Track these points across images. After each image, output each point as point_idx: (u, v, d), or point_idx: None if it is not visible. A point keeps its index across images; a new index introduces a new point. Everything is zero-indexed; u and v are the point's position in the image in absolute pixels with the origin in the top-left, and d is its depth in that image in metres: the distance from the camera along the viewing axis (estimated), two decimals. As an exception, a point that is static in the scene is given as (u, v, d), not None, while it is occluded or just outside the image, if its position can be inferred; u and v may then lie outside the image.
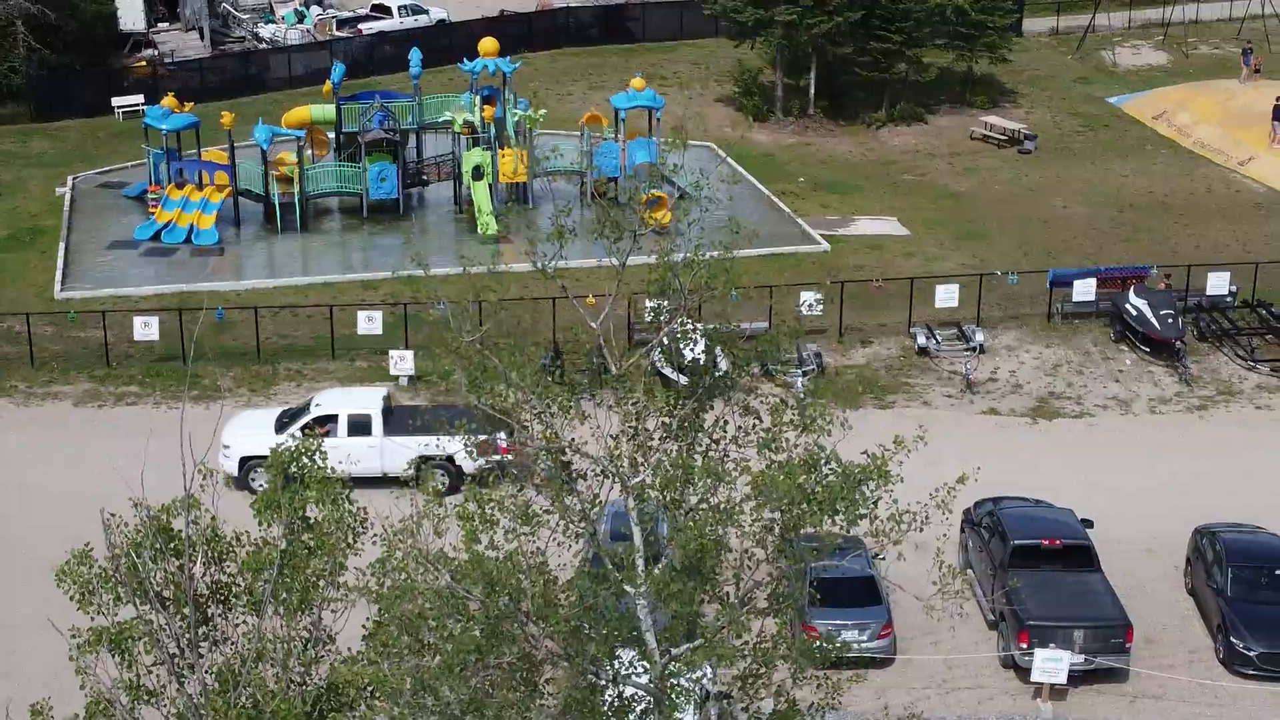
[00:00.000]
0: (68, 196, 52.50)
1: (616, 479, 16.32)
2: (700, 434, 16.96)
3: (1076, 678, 29.16)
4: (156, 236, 48.64)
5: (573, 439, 17.14)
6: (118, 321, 42.10)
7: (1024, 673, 29.34)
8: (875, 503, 16.33)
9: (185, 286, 45.45)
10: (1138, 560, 33.26)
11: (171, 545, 14.35)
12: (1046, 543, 30.73)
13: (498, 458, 34.06)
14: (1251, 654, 29.69)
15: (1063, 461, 37.39)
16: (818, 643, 17.47)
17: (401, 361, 40.50)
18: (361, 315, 41.68)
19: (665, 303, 17.85)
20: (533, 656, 14.78)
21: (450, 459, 34.15)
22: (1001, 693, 29.42)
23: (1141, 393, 40.83)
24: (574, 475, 16.55)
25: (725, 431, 17.19)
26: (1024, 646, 29.10)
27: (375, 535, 16.36)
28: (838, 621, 28.38)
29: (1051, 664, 28.61)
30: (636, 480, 16.24)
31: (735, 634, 15.88)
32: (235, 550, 15.20)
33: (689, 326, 41.04)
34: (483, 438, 19.81)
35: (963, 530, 32.89)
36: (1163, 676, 29.71)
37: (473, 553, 14.73)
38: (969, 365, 41.17)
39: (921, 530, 17.16)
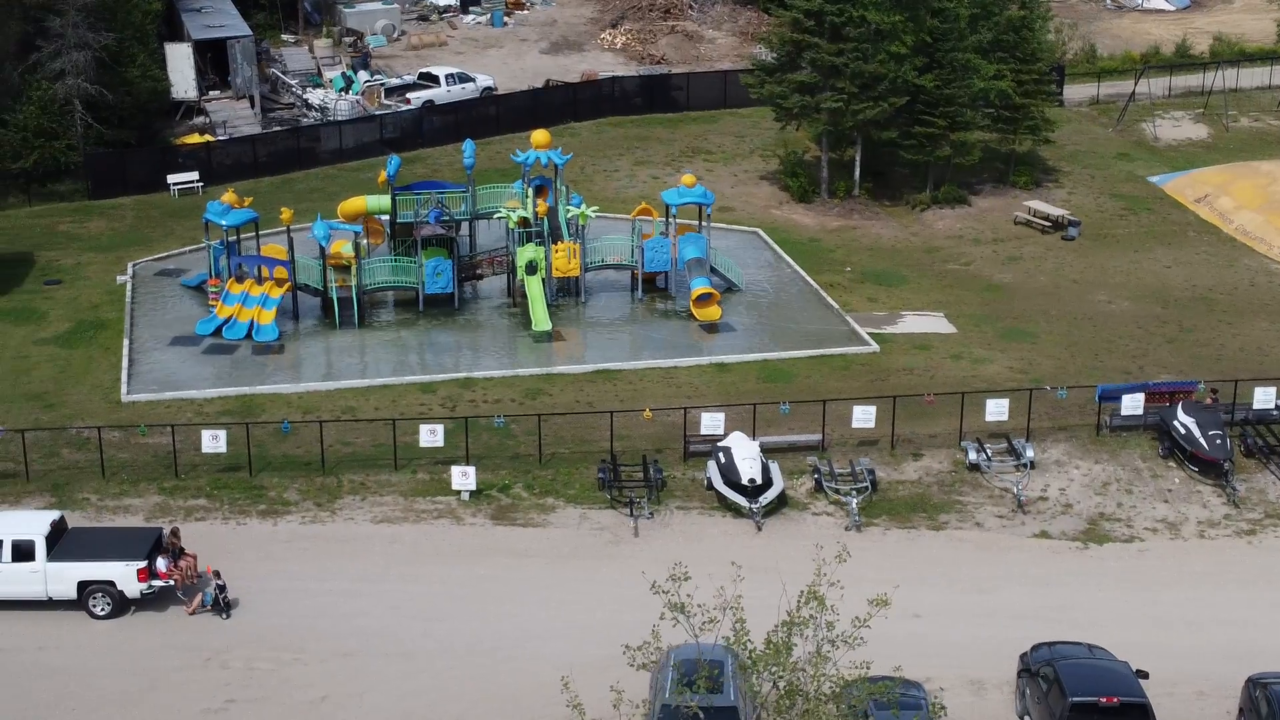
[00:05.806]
0: (129, 286, 53.45)
1: None
2: None
3: (1135, 838, 29.89)
4: (218, 332, 49.58)
5: None
6: (184, 428, 43.08)
7: (1083, 832, 30.07)
8: None
9: (248, 389, 46.36)
10: (1191, 706, 33.92)
11: None
12: (1105, 701, 31.43)
13: (159, 583, 35.98)
14: (1305, 815, 30.35)
15: (1114, 593, 38.10)
16: None
17: (464, 477, 41.34)
18: (424, 429, 42.44)
19: None
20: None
21: (112, 583, 36.24)
22: None
23: (1190, 515, 41.49)
24: None
25: None
26: (1083, 808, 29.82)
27: None
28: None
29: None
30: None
31: None
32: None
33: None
34: (142, 564, 19.76)
35: (1020, 676, 33.61)
36: (1219, 837, 30.43)
37: None
38: (1020, 485, 41.87)
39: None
